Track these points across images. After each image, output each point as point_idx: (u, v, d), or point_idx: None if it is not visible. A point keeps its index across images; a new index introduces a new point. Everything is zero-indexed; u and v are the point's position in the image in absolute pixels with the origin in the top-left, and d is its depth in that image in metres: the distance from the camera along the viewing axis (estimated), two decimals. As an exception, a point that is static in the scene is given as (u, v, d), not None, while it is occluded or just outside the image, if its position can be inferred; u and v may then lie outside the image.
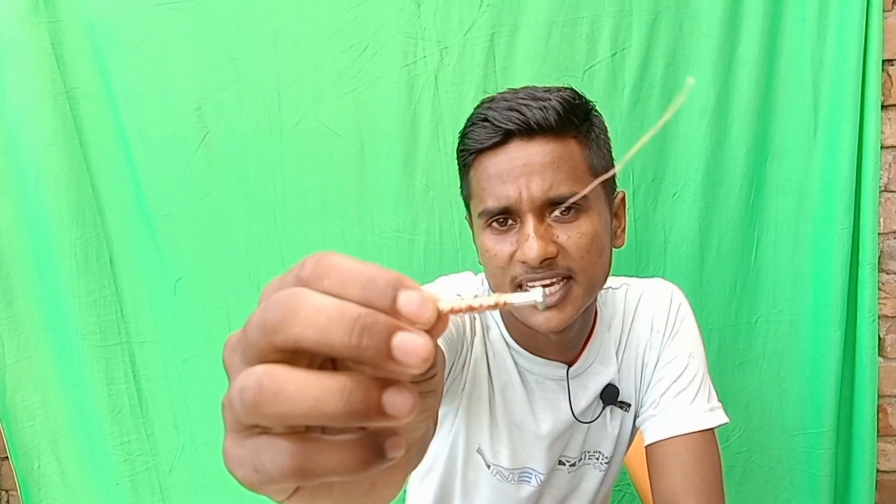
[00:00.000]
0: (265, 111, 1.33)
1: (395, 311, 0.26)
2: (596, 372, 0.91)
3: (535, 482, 0.94)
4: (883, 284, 1.45)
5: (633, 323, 0.92)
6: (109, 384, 1.40)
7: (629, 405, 0.93)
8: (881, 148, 1.37)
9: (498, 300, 0.28)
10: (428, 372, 0.31)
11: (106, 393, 1.40)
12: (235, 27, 1.30)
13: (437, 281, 0.96)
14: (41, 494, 1.47)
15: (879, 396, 1.46)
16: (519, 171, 0.74)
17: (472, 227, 0.86)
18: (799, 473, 1.49)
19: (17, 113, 1.31)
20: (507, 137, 0.75)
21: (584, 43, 1.31)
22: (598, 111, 0.82)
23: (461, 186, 0.85)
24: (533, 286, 0.76)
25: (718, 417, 0.87)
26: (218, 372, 1.40)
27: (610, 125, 1.32)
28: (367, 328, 0.25)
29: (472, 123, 0.79)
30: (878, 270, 1.41)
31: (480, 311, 0.28)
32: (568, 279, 0.76)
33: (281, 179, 1.35)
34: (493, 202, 0.76)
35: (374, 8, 1.29)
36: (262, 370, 0.26)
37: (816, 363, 1.42)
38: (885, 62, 1.35)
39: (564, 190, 0.74)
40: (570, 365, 0.89)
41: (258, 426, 0.27)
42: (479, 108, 0.79)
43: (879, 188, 1.38)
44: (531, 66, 1.32)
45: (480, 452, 0.92)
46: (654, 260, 1.39)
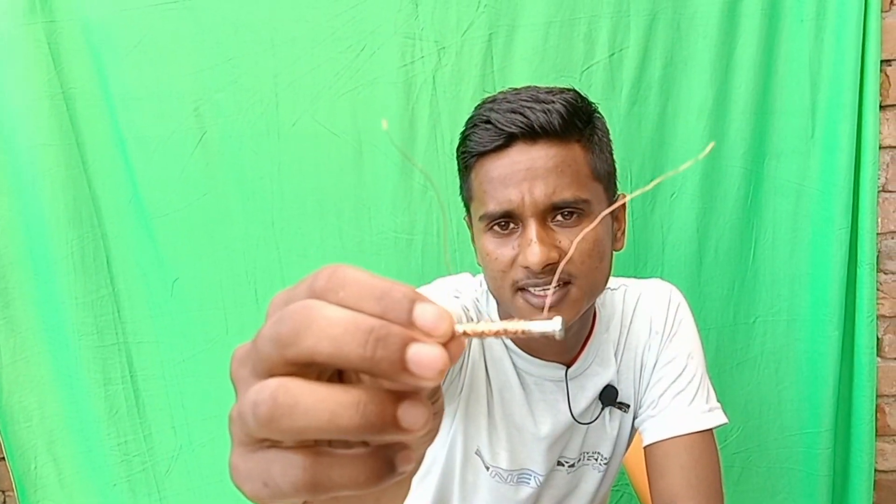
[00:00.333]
0: (262, 112, 1.32)
1: (410, 323, 0.26)
2: (595, 373, 0.91)
3: (534, 483, 0.94)
4: (881, 284, 1.45)
5: (631, 324, 0.92)
6: (106, 385, 1.40)
7: (628, 406, 0.92)
8: (879, 148, 1.37)
9: (518, 328, 0.28)
10: (433, 395, 0.30)
11: (103, 393, 1.40)
12: (233, 27, 1.30)
13: (434, 283, 0.95)
14: (38, 495, 1.46)
15: (877, 396, 1.46)
16: (522, 174, 0.73)
17: (470, 228, 0.85)
18: (797, 473, 1.49)
19: (13, 113, 1.31)
20: (510, 140, 0.74)
21: (581, 43, 1.31)
22: (600, 113, 0.82)
23: (461, 188, 0.84)
24: (535, 292, 0.76)
25: (717, 418, 0.87)
26: (216, 372, 1.41)
27: (608, 126, 1.33)
28: (381, 339, 0.25)
29: (473, 125, 0.78)
30: (876, 270, 1.41)
31: (498, 336, 0.28)
32: (567, 284, 0.76)
33: (278, 180, 1.35)
34: (494, 206, 0.75)
35: (371, 8, 1.29)
36: (276, 383, 0.26)
37: (814, 363, 1.42)
38: (883, 62, 1.35)
39: (567, 195, 0.74)
40: (568, 366, 0.89)
41: (268, 440, 0.27)
42: (480, 108, 0.78)
43: (878, 188, 1.38)
44: (529, 66, 1.31)
45: (479, 454, 0.92)
46: (652, 260, 1.39)
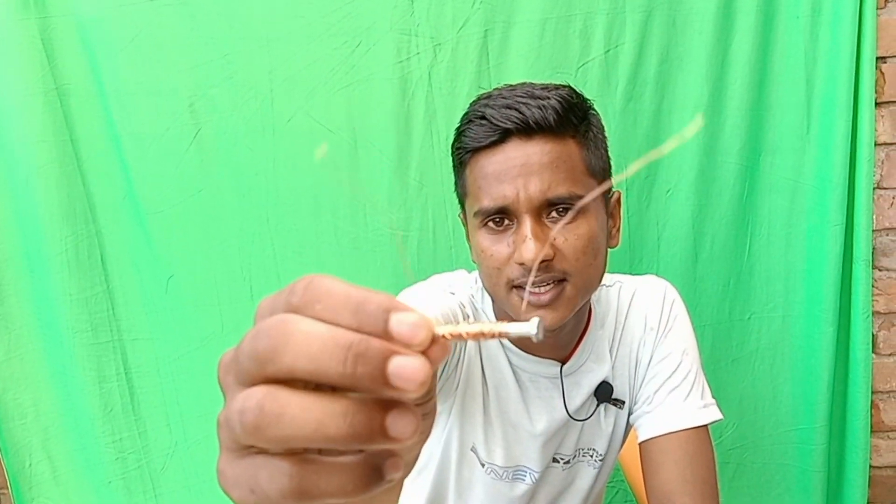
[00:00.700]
0: (257, 108, 1.32)
1: (388, 334, 0.26)
2: (590, 370, 0.91)
3: (529, 480, 0.93)
4: (876, 281, 1.46)
5: (626, 320, 0.92)
6: (101, 382, 1.40)
7: (623, 402, 0.92)
8: (875, 145, 1.37)
9: (495, 329, 0.28)
10: (424, 396, 0.30)
11: (98, 391, 1.39)
12: (227, 24, 1.30)
13: (430, 278, 0.95)
14: (33, 493, 1.46)
15: (872, 392, 1.46)
16: (517, 171, 0.73)
17: (465, 225, 0.85)
18: (792, 469, 1.49)
19: (7, 110, 1.30)
20: (504, 136, 0.74)
21: (577, 40, 1.31)
22: (595, 110, 0.81)
23: (456, 184, 0.84)
24: (530, 290, 0.75)
25: (712, 414, 0.87)
26: (211, 369, 1.40)
27: (603, 122, 1.33)
28: (360, 356, 0.25)
29: (468, 121, 0.77)
30: (871, 267, 1.41)
31: (478, 339, 0.28)
32: (562, 281, 0.76)
33: (273, 176, 1.34)
34: (489, 202, 0.75)
35: (366, 4, 1.29)
36: (263, 392, 0.25)
37: (809, 359, 1.43)
38: (878, 59, 1.35)
39: (562, 190, 0.73)
40: (563, 363, 0.89)
41: (255, 446, 0.27)
42: (475, 104, 0.78)
43: (873, 185, 1.38)
44: (525, 63, 1.31)
45: (475, 451, 0.92)
46: (647, 257, 1.39)
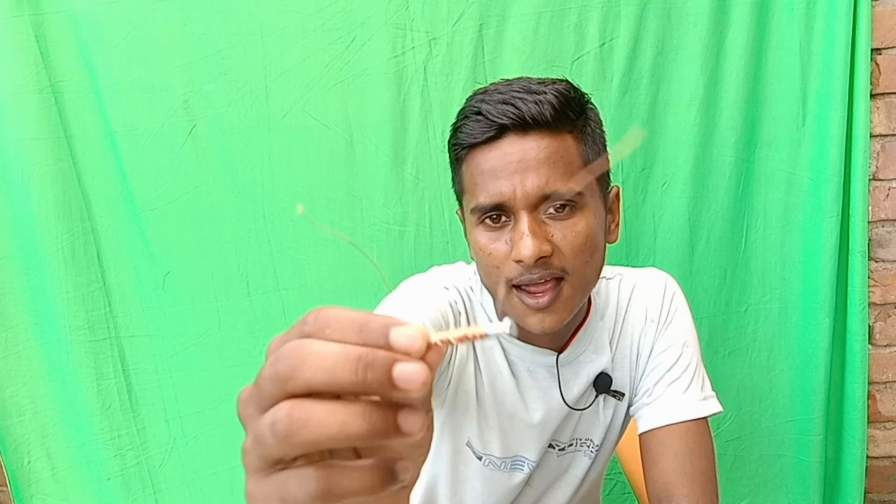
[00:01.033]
0: (252, 103, 1.32)
1: (389, 347, 0.30)
2: (588, 360, 0.91)
3: (527, 469, 0.94)
4: (871, 272, 1.46)
5: (627, 312, 0.92)
6: (99, 379, 1.40)
7: (623, 394, 0.92)
8: (870, 136, 1.37)
9: (476, 332, 0.32)
10: (425, 406, 0.33)
11: (95, 388, 1.40)
12: (222, 19, 1.29)
13: (430, 270, 0.95)
14: (31, 490, 1.46)
15: (868, 383, 1.47)
16: (514, 166, 0.72)
17: (462, 221, 0.85)
18: (789, 460, 1.50)
19: (1, 107, 1.30)
20: (501, 132, 0.73)
21: (572, 33, 1.31)
22: (593, 104, 0.81)
23: (453, 180, 0.84)
24: (529, 290, 0.75)
25: (712, 406, 0.87)
26: (208, 366, 1.41)
27: (601, 116, 1.33)
28: (369, 364, 0.29)
29: (464, 116, 0.77)
30: (867, 258, 1.41)
31: (464, 342, 0.32)
32: (560, 280, 0.75)
33: (269, 172, 1.34)
34: (485, 198, 0.74)
35: (361, -1, 1.29)
36: (289, 403, 0.29)
37: (806, 350, 1.43)
38: (873, 51, 1.35)
39: (560, 186, 0.73)
40: (559, 352, 0.89)
41: (281, 462, 0.31)
42: (471, 100, 0.78)
43: (868, 177, 1.38)
44: (520, 56, 1.31)
45: (469, 446, 0.92)
46: (643, 250, 1.40)
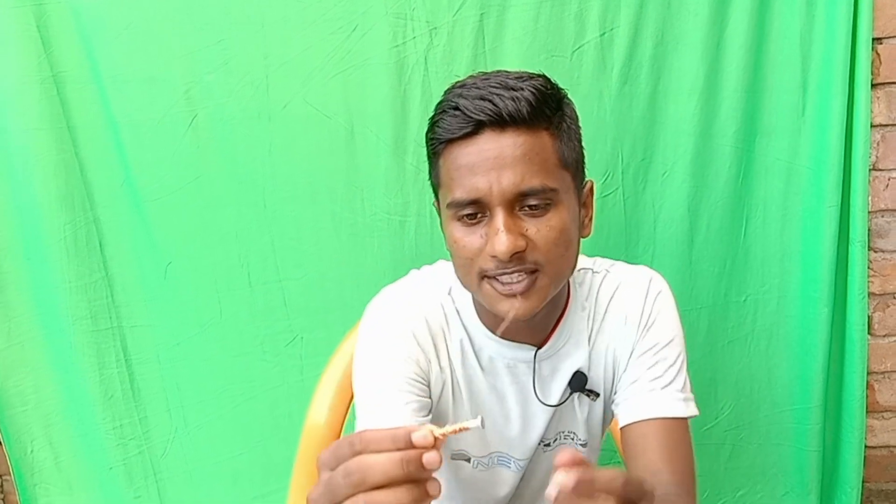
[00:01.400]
0: (253, 94, 1.32)
1: (413, 446, 0.45)
2: (567, 354, 0.90)
3: (514, 467, 0.94)
4: (871, 262, 1.46)
5: (606, 312, 0.91)
6: (101, 369, 1.41)
7: (597, 394, 0.92)
8: (870, 126, 1.37)
9: (463, 426, 0.48)
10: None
11: (98, 378, 1.41)
12: (223, 9, 1.29)
13: (409, 274, 0.96)
14: (34, 479, 1.47)
15: (867, 373, 1.47)
16: (490, 163, 0.72)
17: (439, 214, 0.85)
18: (788, 449, 1.50)
19: (4, 98, 1.30)
20: (478, 128, 0.73)
21: (572, 23, 1.30)
22: (569, 99, 0.80)
23: (430, 173, 0.84)
24: (502, 280, 0.76)
25: (691, 408, 0.86)
26: (210, 355, 1.41)
27: (598, 105, 1.33)
28: (409, 461, 0.45)
29: (442, 111, 0.77)
30: (867, 248, 1.42)
31: (455, 433, 0.48)
32: (534, 272, 0.76)
33: (270, 162, 1.34)
34: (462, 193, 0.74)
35: (362, -11, 1.28)
36: (364, 496, 0.45)
37: (805, 340, 1.44)
38: (874, 40, 1.35)
39: (535, 183, 0.73)
40: (539, 347, 0.88)
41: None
42: (449, 93, 0.77)
43: (869, 167, 1.38)
44: (520, 46, 1.31)
45: (458, 456, 0.93)
46: (643, 239, 1.40)
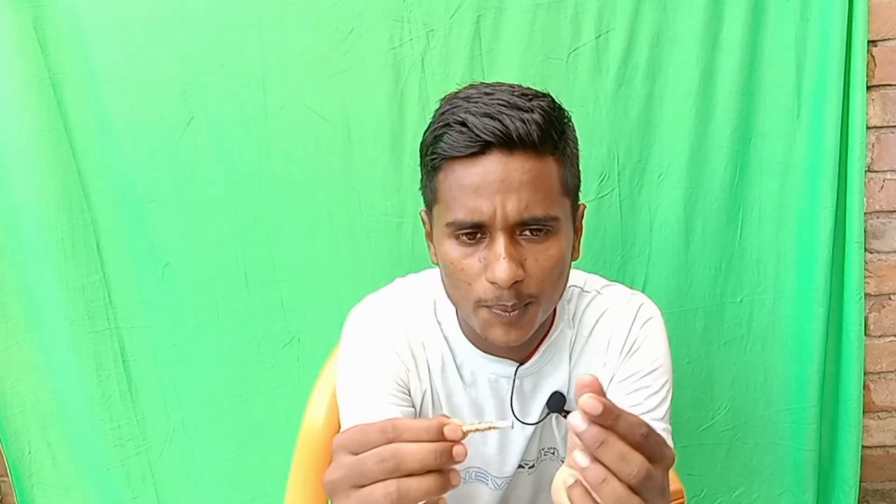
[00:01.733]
0: (250, 95, 1.32)
1: (444, 437, 0.48)
2: (549, 373, 0.90)
3: (492, 485, 0.93)
4: (866, 263, 1.46)
5: (591, 334, 0.90)
6: (99, 370, 1.41)
7: None
8: (866, 128, 1.37)
9: (491, 425, 0.52)
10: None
11: (95, 379, 1.41)
12: (219, 11, 1.29)
13: (394, 282, 0.96)
14: (32, 480, 1.48)
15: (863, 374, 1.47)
16: (496, 186, 0.71)
17: (425, 224, 0.84)
18: (784, 449, 1.51)
19: (1, 99, 1.30)
20: (485, 148, 0.71)
21: (568, 25, 1.31)
22: (572, 122, 0.79)
23: (422, 183, 0.81)
24: (495, 311, 0.75)
25: (668, 439, 0.84)
26: (207, 356, 1.42)
27: (594, 108, 1.34)
28: (441, 452, 0.47)
29: (445, 124, 0.74)
30: (863, 249, 1.42)
31: (482, 431, 0.51)
32: (528, 305, 0.75)
33: (267, 164, 1.34)
34: (464, 215, 0.72)
35: (358, -10, 1.29)
36: (396, 481, 0.47)
37: (800, 340, 1.44)
38: (869, 43, 1.35)
39: (538, 211, 0.72)
40: (521, 363, 0.88)
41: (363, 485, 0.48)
42: (451, 105, 0.75)
43: (864, 168, 1.39)
44: (517, 49, 1.31)
45: None
46: (639, 241, 1.40)
